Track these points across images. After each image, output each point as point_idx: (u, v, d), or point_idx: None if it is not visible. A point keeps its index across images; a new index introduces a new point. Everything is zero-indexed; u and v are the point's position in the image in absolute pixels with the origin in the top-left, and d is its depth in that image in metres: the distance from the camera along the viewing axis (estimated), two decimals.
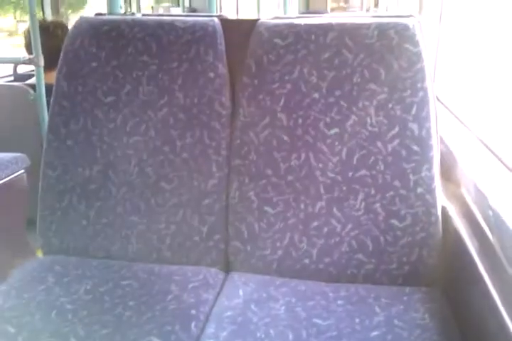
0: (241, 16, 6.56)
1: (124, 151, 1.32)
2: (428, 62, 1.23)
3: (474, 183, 1.18)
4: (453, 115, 1.65)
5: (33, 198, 1.41)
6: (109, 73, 1.32)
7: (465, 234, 1.13)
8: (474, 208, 1.15)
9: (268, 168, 1.26)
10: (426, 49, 1.22)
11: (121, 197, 1.32)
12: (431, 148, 1.21)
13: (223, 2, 6.66)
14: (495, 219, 1.02)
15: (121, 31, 1.33)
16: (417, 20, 1.26)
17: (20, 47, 2.58)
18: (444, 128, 1.43)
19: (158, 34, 1.32)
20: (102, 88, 1.32)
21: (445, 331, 1.05)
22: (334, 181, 1.24)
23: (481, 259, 1.03)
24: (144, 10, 5.81)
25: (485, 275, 0.99)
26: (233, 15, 6.57)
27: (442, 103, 1.77)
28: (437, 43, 2.00)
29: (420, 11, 2.29)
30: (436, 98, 1.26)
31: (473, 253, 1.06)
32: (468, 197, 1.21)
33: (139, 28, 1.32)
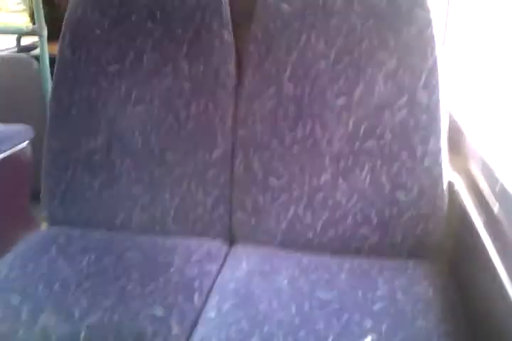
0: None
1: (128, 121, 1.31)
2: (438, 29, 1.19)
3: (481, 157, 1.16)
4: (463, 85, 1.61)
5: (38, 169, 1.41)
6: (112, 41, 1.30)
7: (471, 208, 1.12)
8: (481, 182, 1.13)
9: (273, 139, 1.25)
10: (436, 15, 1.19)
11: (125, 168, 1.32)
12: (439, 119, 1.18)
13: None
14: (501, 193, 1.00)
15: None
16: None
17: None
18: (453, 100, 1.40)
19: (162, 1, 1.29)
20: (106, 56, 1.30)
21: (448, 305, 1.05)
22: (340, 152, 1.22)
23: (487, 234, 1.02)
24: None
25: (490, 249, 0.98)
26: None
27: (452, 72, 1.72)
28: (447, 9, 1.95)
29: None
30: (446, 66, 1.23)
31: (478, 227, 1.05)
32: (475, 170, 1.19)
33: None
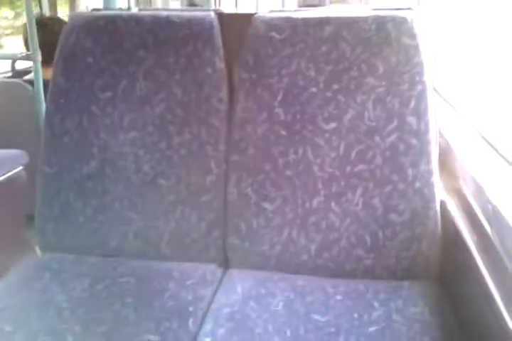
0: (240, 10, 6.52)
1: (121, 147, 1.32)
2: (427, 55, 1.22)
3: (473, 177, 1.17)
4: (452, 108, 1.64)
5: (32, 195, 1.41)
6: (105, 68, 1.32)
7: (464, 229, 1.13)
8: (473, 202, 1.15)
9: (266, 163, 1.26)
10: (424, 42, 1.21)
11: (118, 194, 1.32)
12: (429, 142, 1.20)
13: None
14: (493, 213, 1.01)
15: (117, 26, 1.32)
16: (416, 13, 1.25)
17: None
18: (443, 121, 1.42)
19: (154, 29, 1.31)
20: (99, 83, 1.32)
21: (444, 325, 1.05)
22: (332, 176, 1.23)
23: (480, 253, 1.03)
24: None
25: (483, 269, 0.99)
26: (232, 8, 6.52)
27: (441, 96, 1.76)
28: (437, 36, 1.99)
29: (419, 3, 2.27)
30: (435, 91, 1.25)
31: (471, 247, 1.06)
32: (466, 191, 1.21)
33: (135, 23, 1.32)
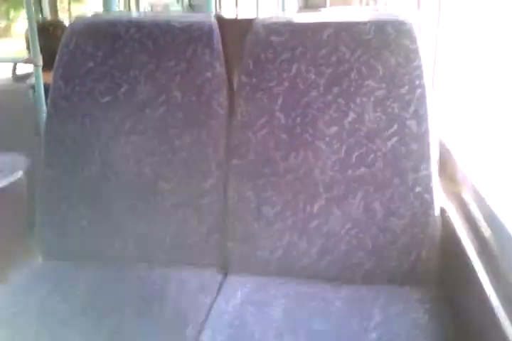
0: (240, 14, 6.53)
1: (122, 151, 1.32)
2: (426, 58, 1.22)
3: (473, 182, 1.17)
4: (452, 112, 1.64)
5: (32, 199, 1.41)
6: (106, 73, 1.32)
7: (463, 235, 1.12)
8: (473, 207, 1.14)
9: (266, 167, 1.26)
10: (424, 45, 1.22)
11: (119, 197, 1.32)
12: (429, 146, 1.20)
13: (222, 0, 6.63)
14: (493, 218, 1.01)
15: (117, 31, 1.32)
16: (415, 16, 1.25)
17: None
18: (443, 125, 1.42)
19: (154, 34, 1.31)
20: (99, 88, 1.32)
21: (444, 331, 1.05)
22: (333, 180, 1.23)
23: (479, 259, 1.03)
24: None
25: (483, 275, 0.98)
26: (233, 13, 6.54)
27: (441, 100, 1.76)
28: (436, 39, 1.99)
29: (419, 7, 2.28)
30: (435, 95, 1.25)
31: (471, 252, 1.06)
32: (466, 196, 1.21)
33: (136, 28, 1.32)
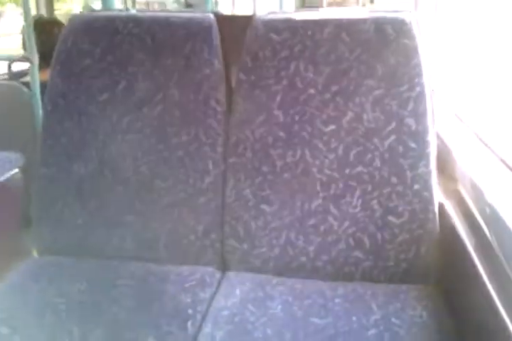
0: (236, 12, 6.52)
1: (119, 149, 1.31)
2: (425, 57, 1.22)
3: (471, 179, 1.17)
4: (451, 110, 1.64)
5: (28, 197, 1.40)
6: (103, 70, 1.31)
7: (462, 231, 1.12)
8: (471, 204, 1.14)
9: (264, 166, 1.25)
10: (423, 44, 1.21)
11: (116, 195, 1.31)
12: (428, 144, 1.20)
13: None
14: (492, 215, 1.01)
15: (115, 27, 1.31)
16: (414, 15, 1.25)
17: None
18: (441, 123, 1.42)
19: (153, 30, 1.30)
20: (97, 85, 1.31)
21: (442, 329, 1.05)
22: (331, 178, 1.23)
23: (479, 256, 1.03)
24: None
25: (482, 272, 0.98)
26: (229, 12, 6.54)
27: (440, 98, 1.76)
28: (434, 38, 1.99)
29: (416, 7, 2.28)
30: (433, 93, 1.25)
31: (470, 250, 1.06)
32: (465, 194, 1.20)
33: (134, 24, 1.31)
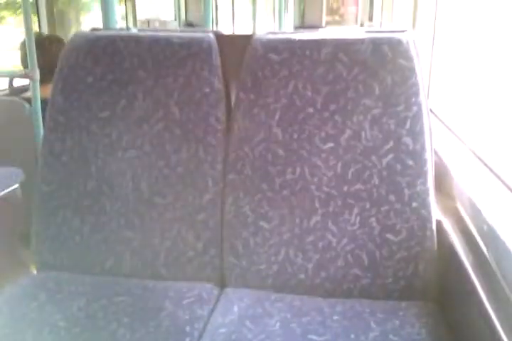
0: (237, 31, 6.60)
1: (119, 166, 1.32)
2: (422, 76, 1.24)
3: (469, 197, 1.18)
4: (448, 129, 1.66)
5: (28, 212, 1.40)
6: (104, 88, 1.32)
7: (460, 249, 1.13)
8: (469, 222, 1.15)
9: (263, 183, 1.26)
10: (420, 64, 1.23)
11: (115, 213, 1.32)
12: (425, 162, 1.21)
13: (219, 17, 6.70)
14: (490, 233, 1.02)
15: (116, 46, 1.33)
16: (411, 35, 1.27)
17: None
18: (439, 142, 1.43)
19: (153, 49, 1.32)
20: (98, 103, 1.32)
21: None
22: (329, 195, 1.24)
23: (476, 273, 1.03)
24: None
25: (480, 289, 0.99)
26: (229, 31, 6.61)
27: (437, 117, 1.77)
28: (431, 58, 2.02)
29: (414, 26, 2.31)
30: (430, 112, 1.27)
31: (468, 267, 1.06)
32: (463, 211, 1.21)
33: (135, 44, 1.33)
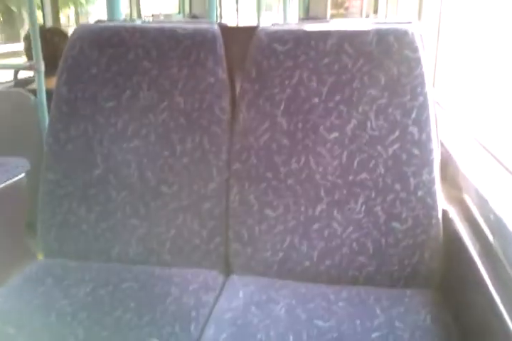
0: (241, 24, 6.58)
1: (124, 156, 1.33)
2: (427, 67, 1.23)
3: (475, 186, 1.18)
4: (453, 119, 1.66)
5: (33, 202, 1.41)
6: (109, 79, 1.33)
7: (466, 237, 1.13)
8: (475, 211, 1.15)
9: (268, 172, 1.27)
10: (425, 55, 1.23)
11: (121, 201, 1.33)
12: (431, 152, 1.21)
13: (223, 10, 6.70)
14: (495, 221, 1.02)
15: (121, 37, 1.33)
16: (417, 26, 1.26)
17: None
18: (444, 132, 1.43)
19: (158, 40, 1.32)
20: (103, 93, 1.33)
21: (446, 333, 1.05)
22: (334, 184, 1.24)
23: (482, 261, 1.03)
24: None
25: (486, 277, 0.99)
26: (233, 23, 6.60)
27: (442, 107, 1.77)
28: (436, 49, 2.01)
29: (419, 18, 2.30)
30: (436, 102, 1.27)
31: (474, 255, 1.07)
32: (468, 200, 1.22)
33: (140, 35, 1.33)
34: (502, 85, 1.46)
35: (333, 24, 1.36)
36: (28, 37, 2.09)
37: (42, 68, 2.04)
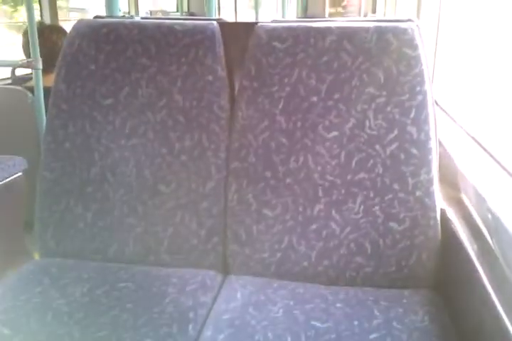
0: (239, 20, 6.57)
1: (122, 153, 1.32)
2: (427, 66, 1.23)
3: (473, 186, 1.18)
4: (451, 118, 1.65)
5: (31, 200, 1.41)
6: (107, 76, 1.32)
7: (464, 237, 1.13)
8: (473, 211, 1.15)
9: (267, 171, 1.26)
10: (424, 53, 1.23)
11: (118, 200, 1.32)
12: (429, 152, 1.21)
13: (221, 7, 6.69)
14: (494, 222, 1.02)
15: (120, 34, 1.32)
16: (416, 24, 1.26)
17: None
18: (443, 131, 1.43)
19: (157, 37, 1.32)
20: (101, 90, 1.32)
21: (444, 334, 1.05)
22: (333, 184, 1.24)
23: (480, 262, 1.03)
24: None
25: (484, 278, 0.99)
26: (231, 18, 6.58)
27: (440, 107, 1.77)
28: (435, 47, 2.01)
29: (418, 17, 2.30)
30: (434, 101, 1.26)
31: (472, 256, 1.06)
32: (467, 200, 1.21)
33: (138, 31, 1.32)
34: (501, 85, 1.45)
35: (332, 21, 1.35)
36: (27, 33, 2.08)
37: (39, 65, 2.04)
